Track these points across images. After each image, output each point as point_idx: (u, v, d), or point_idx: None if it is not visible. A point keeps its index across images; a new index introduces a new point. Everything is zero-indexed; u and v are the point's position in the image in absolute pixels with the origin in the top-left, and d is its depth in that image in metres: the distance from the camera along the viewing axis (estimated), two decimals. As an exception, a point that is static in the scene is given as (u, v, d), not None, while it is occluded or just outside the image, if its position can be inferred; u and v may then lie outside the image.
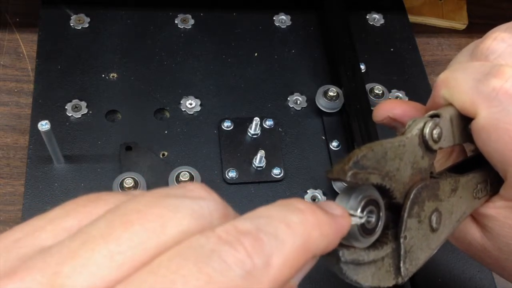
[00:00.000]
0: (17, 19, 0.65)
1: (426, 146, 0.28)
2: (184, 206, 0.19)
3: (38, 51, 0.58)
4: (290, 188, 0.53)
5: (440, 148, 0.29)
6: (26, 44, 0.63)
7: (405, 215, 0.25)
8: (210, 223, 0.19)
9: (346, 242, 0.23)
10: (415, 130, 0.27)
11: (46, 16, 0.61)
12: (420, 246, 0.26)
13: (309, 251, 0.20)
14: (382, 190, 0.25)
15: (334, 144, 0.57)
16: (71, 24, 0.61)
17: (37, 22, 0.61)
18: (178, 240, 0.18)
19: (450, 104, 0.31)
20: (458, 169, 0.33)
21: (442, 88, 0.31)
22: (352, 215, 0.23)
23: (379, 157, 0.24)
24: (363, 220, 0.23)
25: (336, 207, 0.22)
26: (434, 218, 0.27)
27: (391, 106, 0.31)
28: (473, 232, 0.32)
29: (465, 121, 0.31)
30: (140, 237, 0.17)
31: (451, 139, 0.30)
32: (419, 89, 0.62)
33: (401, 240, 0.25)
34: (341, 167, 0.22)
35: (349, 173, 0.22)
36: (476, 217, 0.32)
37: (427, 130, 0.28)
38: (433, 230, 0.27)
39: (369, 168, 0.23)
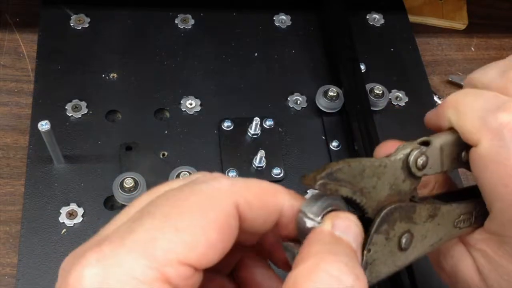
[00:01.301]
0: (17, 19, 0.65)
1: (409, 171, 0.29)
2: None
3: (38, 51, 0.58)
4: (290, 188, 0.53)
5: (425, 175, 0.30)
6: (26, 44, 0.63)
7: (373, 230, 0.27)
8: None
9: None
10: (400, 155, 0.29)
11: (46, 16, 0.61)
12: (383, 261, 0.27)
13: (275, 196, 0.25)
14: (353, 204, 0.26)
15: (334, 144, 0.57)
16: (71, 24, 0.61)
17: (37, 22, 0.61)
18: None
19: (447, 131, 0.32)
20: (445, 197, 0.33)
21: (450, 109, 0.32)
22: (311, 219, 0.25)
23: (355, 173, 0.26)
24: (320, 226, 0.24)
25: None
26: (404, 238, 0.28)
27: (392, 145, 0.32)
28: (466, 266, 0.33)
29: (459, 147, 0.31)
30: None
31: (438, 167, 0.31)
32: (419, 89, 0.62)
33: (365, 252, 0.26)
34: (314, 175, 0.25)
35: (319, 182, 0.24)
36: (466, 247, 0.33)
37: (411, 158, 0.29)
38: (401, 249, 0.28)
39: (342, 181, 0.25)
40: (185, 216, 0.22)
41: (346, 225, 0.24)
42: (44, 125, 0.46)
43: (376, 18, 0.67)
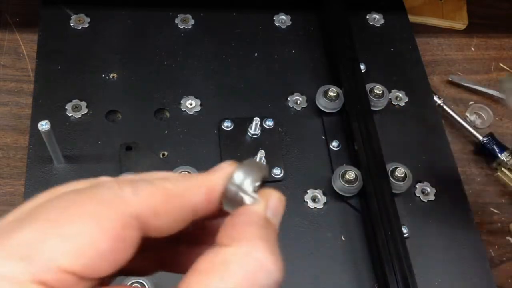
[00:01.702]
0: (17, 19, 0.65)
1: None
2: None
3: (38, 51, 0.58)
4: (290, 188, 0.53)
5: None
6: (26, 44, 0.63)
7: None
8: None
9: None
10: None
11: (46, 16, 0.61)
12: None
13: (183, 197, 0.23)
14: None
15: (334, 144, 0.57)
16: (71, 24, 0.61)
17: (37, 22, 0.61)
18: None
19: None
20: None
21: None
22: (247, 195, 0.24)
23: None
24: (254, 203, 0.24)
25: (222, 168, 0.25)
26: None
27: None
28: None
29: None
30: None
31: None
32: (419, 89, 0.62)
33: None
34: None
35: None
36: None
37: None
38: None
39: None
40: (75, 222, 0.21)
41: (277, 207, 0.24)
42: (44, 125, 0.46)
43: (376, 18, 0.67)
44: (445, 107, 0.63)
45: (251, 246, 0.22)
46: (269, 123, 0.57)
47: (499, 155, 0.61)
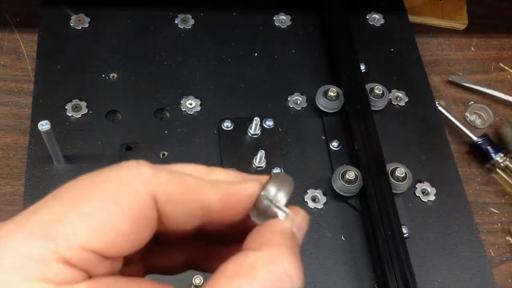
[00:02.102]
0: (17, 19, 0.65)
1: None
2: None
3: (38, 51, 0.58)
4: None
5: None
6: (26, 44, 0.63)
7: None
8: None
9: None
10: None
11: (46, 16, 0.61)
12: None
13: (200, 192, 0.23)
14: None
15: (334, 144, 0.57)
16: (71, 24, 0.61)
17: (37, 22, 0.61)
18: None
19: None
20: None
21: None
22: (280, 209, 0.25)
23: None
24: (284, 218, 0.25)
25: (250, 183, 0.25)
26: None
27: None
28: None
29: None
30: None
31: None
32: (419, 89, 0.62)
33: None
34: None
35: None
36: None
37: None
38: None
39: None
40: (94, 200, 0.21)
41: (301, 223, 0.25)
42: (44, 125, 0.46)
43: (376, 18, 0.67)
44: (440, 108, 0.63)
45: (280, 253, 0.23)
46: (269, 123, 0.57)
47: (493, 156, 0.61)
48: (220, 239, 0.27)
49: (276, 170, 0.54)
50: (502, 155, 0.61)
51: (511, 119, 0.65)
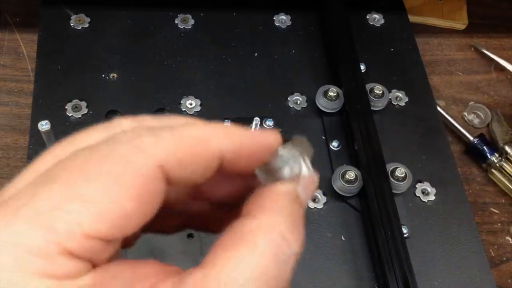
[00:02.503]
0: (17, 19, 0.65)
1: None
2: None
3: (38, 51, 0.58)
4: (290, 188, 0.53)
5: None
6: (26, 44, 0.63)
7: None
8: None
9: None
10: None
11: (46, 16, 0.61)
12: None
13: (209, 143, 0.22)
14: None
15: (334, 144, 0.57)
16: (71, 24, 0.61)
17: (37, 22, 0.61)
18: None
19: None
20: None
21: None
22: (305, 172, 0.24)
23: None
24: (289, 183, 0.24)
25: (270, 132, 0.24)
26: None
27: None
28: None
29: None
30: None
31: None
32: (419, 89, 0.62)
33: None
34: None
35: None
36: None
37: None
38: None
39: None
40: (94, 182, 0.19)
41: (308, 184, 0.24)
42: (44, 125, 0.46)
43: (376, 18, 0.67)
44: (437, 107, 0.63)
45: (277, 217, 0.22)
46: (269, 123, 0.57)
47: (488, 156, 0.61)
48: (221, 199, 0.26)
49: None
50: (497, 155, 0.61)
51: (499, 111, 0.65)
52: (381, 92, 0.58)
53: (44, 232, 0.19)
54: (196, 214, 0.27)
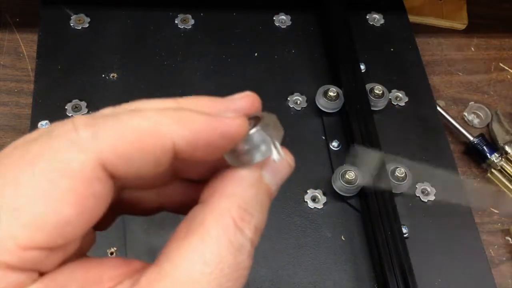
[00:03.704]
0: (17, 19, 0.65)
1: None
2: None
3: (38, 51, 0.58)
4: (290, 188, 0.53)
5: None
6: (26, 44, 0.63)
7: None
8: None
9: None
10: None
11: (46, 16, 0.61)
12: None
13: (158, 135, 0.19)
14: None
15: (334, 144, 0.57)
16: (71, 24, 0.61)
17: (37, 22, 0.61)
18: None
19: None
20: None
21: None
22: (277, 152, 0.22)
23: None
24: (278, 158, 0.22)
25: (230, 113, 0.22)
26: None
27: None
28: None
29: None
30: None
31: None
32: (419, 89, 0.62)
33: None
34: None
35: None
36: None
37: None
38: None
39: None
40: (28, 188, 0.17)
41: (278, 168, 0.23)
42: (44, 125, 0.47)
43: (376, 18, 0.67)
44: (437, 107, 0.63)
45: (228, 203, 0.20)
46: (269, 123, 0.57)
47: (488, 155, 0.61)
48: (196, 178, 0.24)
49: None
50: (497, 155, 0.61)
51: (499, 111, 0.65)
52: (381, 92, 0.58)
53: None
54: (172, 195, 0.25)
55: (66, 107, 0.55)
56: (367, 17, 0.67)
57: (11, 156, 0.19)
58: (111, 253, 0.48)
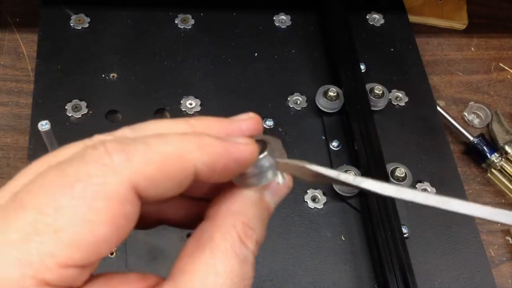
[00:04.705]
0: (17, 19, 0.65)
1: None
2: None
3: (38, 51, 0.58)
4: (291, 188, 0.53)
5: None
6: (26, 44, 0.63)
7: None
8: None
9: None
10: None
11: (46, 16, 0.61)
12: None
13: (183, 160, 0.21)
14: None
15: (334, 144, 0.57)
16: (71, 24, 0.61)
17: (37, 22, 0.61)
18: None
19: None
20: None
21: None
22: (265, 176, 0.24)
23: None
24: (279, 181, 0.24)
25: (242, 138, 0.23)
26: None
27: None
28: None
29: None
30: None
31: None
32: (419, 89, 0.62)
33: None
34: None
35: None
36: None
37: None
38: None
39: None
40: (66, 210, 0.19)
41: (279, 189, 0.25)
42: (44, 125, 0.46)
43: (376, 18, 0.67)
44: (437, 107, 0.63)
45: (233, 220, 0.23)
46: (269, 123, 0.57)
47: (488, 155, 0.61)
48: (198, 195, 0.26)
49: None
50: (497, 155, 0.61)
51: (499, 111, 0.65)
52: (381, 92, 0.58)
53: (19, 266, 0.18)
54: (171, 210, 0.26)
55: (66, 107, 0.55)
56: (367, 17, 0.67)
57: (48, 176, 0.20)
58: (111, 253, 0.48)
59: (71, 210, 0.19)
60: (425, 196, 0.23)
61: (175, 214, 0.26)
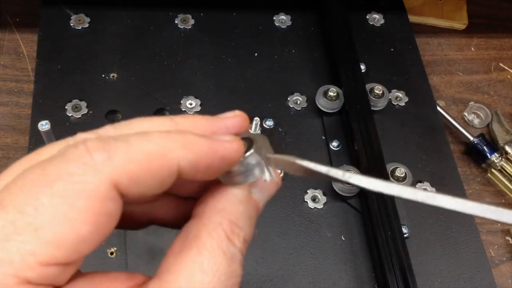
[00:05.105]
0: (17, 19, 0.65)
1: None
2: None
3: (38, 51, 0.58)
4: (290, 188, 0.53)
5: None
6: (26, 44, 0.63)
7: None
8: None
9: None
10: None
11: (46, 16, 0.61)
12: None
13: (166, 158, 0.21)
14: None
15: (334, 144, 0.57)
16: (71, 24, 0.61)
17: (37, 22, 0.61)
18: None
19: None
20: None
21: None
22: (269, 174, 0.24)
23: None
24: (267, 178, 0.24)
25: (227, 136, 0.23)
26: None
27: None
28: None
29: None
30: None
31: None
32: (419, 89, 0.62)
33: None
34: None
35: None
36: None
37: None
38: None
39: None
40: (46, 208, 0.19)
41: (267, 186, 0.24)
42: (44, 125, 0.46)
43: (376, 18, 0.67)
44: (437, 107, 0.63)
45: (219, 218, 0.22)
46: (269, 123, 0.57)
47: (488, 155, 0.61)
48: (185, 194, 0.26)
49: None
50: (497, 155, 0.61)
51: (499, 111, 0.65)
52: (381, 92, 0.58)
53: (0, 265, 0.18)
54: (161, 209, 0.26)
55: (66, 107, 0.55)
56: (367, 17, 0.67)
57: (28, 175, 0.20)
58: (111, 253, 0.48)
59: (51, 209, 0.19)
60: (413, 191, 0.23)
61: (165, 214, 0.26)
